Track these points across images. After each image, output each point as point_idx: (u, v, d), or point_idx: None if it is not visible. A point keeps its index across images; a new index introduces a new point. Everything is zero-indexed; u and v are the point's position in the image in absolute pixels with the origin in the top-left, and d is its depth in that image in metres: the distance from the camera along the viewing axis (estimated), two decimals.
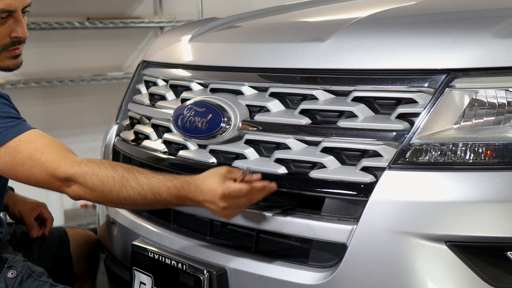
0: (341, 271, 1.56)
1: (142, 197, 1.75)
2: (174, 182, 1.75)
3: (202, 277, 1.77)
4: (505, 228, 1.44)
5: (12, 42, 2.02)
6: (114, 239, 2.26)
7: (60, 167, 1.78)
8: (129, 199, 1.76)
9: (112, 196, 1.76)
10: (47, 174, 1.80)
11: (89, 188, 1.77)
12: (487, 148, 1.49)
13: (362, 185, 1.58)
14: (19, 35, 2.02)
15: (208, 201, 1.71)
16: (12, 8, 1.98)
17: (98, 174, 1.77)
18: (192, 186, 1.73)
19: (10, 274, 1.99)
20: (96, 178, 1.76)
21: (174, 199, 1.74)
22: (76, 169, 1.77)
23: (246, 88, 1.89)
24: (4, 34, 2.00)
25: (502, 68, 1.52)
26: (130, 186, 1.75)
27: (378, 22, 1.84)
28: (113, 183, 1.76)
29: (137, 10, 4.95)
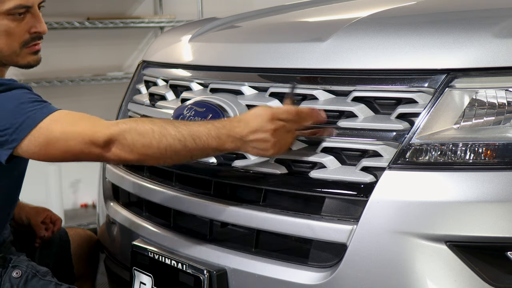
0: (341, 271, 1.56)
1: (182, 144, 1.69)
2: (214, 123, 1.72)
3: (202, 277, 1.77)
4: (505, 228, 1.44)
5: (31, 38, 2.02)
6: (114, 239, 2.27)
7: (98, 131, 1.74)
8: (169, 149, 1.70)
9: (152, 149, 1.71)
10: (85, 143, 1.75)
11: (129, 145, 1.72)
12: (487, 148, 1.49)
13: (362, 185, 1.58)
14: (38, 30, 2.02)
15: (254, 130, 1.67)
16: (30, 3, 1.99)
17: (137, 128, 1.72)
18: (234, 122, 1.70)
19: (15, 274, 1.99)
20: (135, 133, 1.72)
21: (215, 140, 1.69)
22: (113, 128, 1.73)
23: (246, 88, 1.89)
24: (24, 30, 2.00)
25: (502, 68, 1.52)
26: (170, 134, 1.70)
27: (378, 22, 1.84)
28: (152, 134, 1.71)
29: (137, 10, 4.95)
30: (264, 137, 1.67)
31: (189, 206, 1.91)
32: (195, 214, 1.91)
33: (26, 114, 1.81)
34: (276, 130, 1.67)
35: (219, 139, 1.69)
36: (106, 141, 1.73)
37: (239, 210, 1.77)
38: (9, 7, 1.95)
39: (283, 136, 1.68)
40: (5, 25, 1.97)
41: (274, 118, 1.67)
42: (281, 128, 1.67)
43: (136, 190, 2.15)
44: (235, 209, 1.78)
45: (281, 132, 1.68)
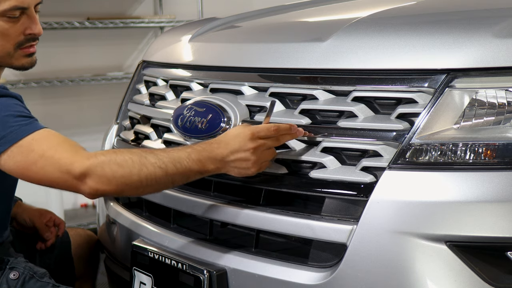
0: (341, 271, 1.56)
1: (164, 171, 1.68)
2: (194, 147, 1.72)
3: (202, 277, 1.77)
4: (505, 228, 1.44)
5: (26, 40, 2.00)
6: (114, 239, 2.26)
7: (75, 162, 1.71)
8: (150, 177, 1.68)
9: (132, 179, 1.68)
10: (61, 172, 1.72)
11: (108, 177, 1.68)
12: (487, 148, 1.49)
13: (362, 185, 1.58)
14: (33, 32, 2.00)
15: (235, 150, 1.68)
16: (25, 4, 1.97)
17: (116, 159, 1.69)
18: (214, 144, 1.71)
19: (12, 276, 1.98)
20: (114, 163, 1.68)
21: (196, 164, 1.69)
22: (92, 160, 1.70)
23: (246, 88, 1.89)
24: (18, 32, 1.98)
25: (502, 68, 1.52)
26: (150, 163, 1.68)
27: (378, 22, 1.84)
28: (132, 164, 1.68)
29: (137, 10, 4.95)
30: (244, 157, 1.69)
31: (189, 206, 1.91)
32: (195, 214, 1.91)
33: (10, 129, 1.78)
34: (256, 148, 1.68)
35: (200, 162, 1.69)
36: (83, 173, 1.70)
37: (239, 210, 1.77)
38: (4, 8, 1.93)
39: (263, 153, 1.70)
40: (1, 25, 1.95)
41: (254, 137, 1.68)
42: (261, 146, 1.69)
43: None
44: (235, 209, 1.78)
45: (261, 150, 1.69)
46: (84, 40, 4.77)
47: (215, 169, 1.71)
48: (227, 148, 1.69)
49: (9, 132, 1.78)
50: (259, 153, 1.69)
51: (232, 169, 1.72)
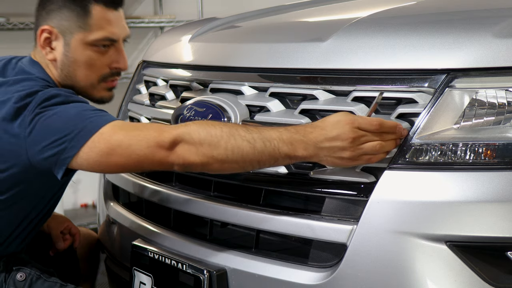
0: (341, 271, 1.56)
1: (251, 146, 1.60)
2: (287, 128, 1.62)
3: (202, 277, 1.77)
4: (505, 228, 1.44)
5: (111, 73, 1.99)
6: (114, 239, 2.27)
7: (164, 132, 1.66)
8: (237, 150, 1.60)
9: (219, 150, 1.61)
10: (149, 146, 1.66)
11: (196, 145, 1.62)
12: (487, 148, 1.49)
13: (362, 185, 1.58)
14: (119, 66, 1.99)
15: (331, 137, 1.56)
16: (115, 37, 1.96)
17: (206, 127, 1.64)
18: (308, 128, 1.60)
19: (19, 277, 1.96)
20: (203, 131, 1.63)
21: (286, 146, 1.58)
22: (181, 128, 1.65)
23: (246, 88, 1.89)
24: (105, 64, 1.97)
25: (502, 68, 1.52)
26: (239, 134, 1.61)
27: (378, 22, 1.84)
28: (221, 134, 1.62)
29: (137, 10, 4.95)
30: (341, 146, 1.57)
31: (189, 206, 1.91)
32: (195, 214, 1.91)
33: (88, 120, 1.73)
34: (355, 139, 1.56)
35: (291, 145, 1.59)
36: (173, 142, 1.65)
37: (239, 210, 1.77)
38: (95, 38, 1.93)
39: (361, 146, 1.57)
40: (87, 56, 1.94)
41: (355, 126, 1.56)
42: (360, 137, 1.56)
43: (136, 190, 2.15)
44: (235, 209, 1.78)
45: (361, 142, 1.57)
46: None
47: (306, 155, 1.60)
48: (322, 134, 1.58)
49: (88, 123, 1.72)
50: (357, 144, 1.56)
51: (325, 158, 1.59)
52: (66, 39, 1.94)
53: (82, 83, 1.97)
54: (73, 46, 1.94)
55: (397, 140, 1.57)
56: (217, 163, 1.65)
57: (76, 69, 1.95)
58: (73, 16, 1.92)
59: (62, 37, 1.94)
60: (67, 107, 1.77)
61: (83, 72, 1.95)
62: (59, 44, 1.94)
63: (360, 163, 1.59)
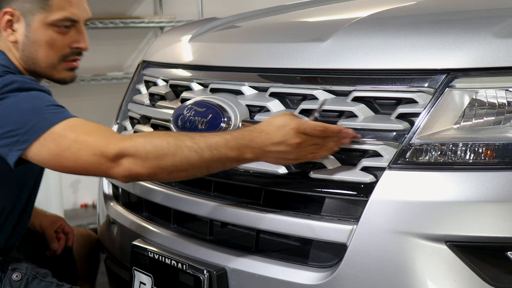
0: (341, 271, 1.56)
1: (199, 156, 1.62)
2: (233, 133, 1.66)
3: (202, 277, 1.77)
4: (505, 228, 1.44)
5: (72, 53, 2.03)
6: (114, 239, 2.27)
7: (110, 143, 1.67)
8: (185, 161, 1.63)
9: (167, 162, 1.63)
10: (95, 155, 1.68)
11: (142, 158, 1.63)
12: (487, 148, 1.49)
13: (362, 185, 1.58)
14: (80, 46, 2.03)
15: (277, 142, 1.61)
16: (76, 17, 2.00)
17: (151, 140, 1.66)
18: (254, 132, 1.64)
19: (15, 277, 1.97)
20: (149, 145, 1.64)
21: (233, 152, 1.63)
22: (127, 142, 1.67)
23: (246, 88, 1.89)
24: (65, 44, 2.00)
25: (502, 68, 1.52)
26: (186, 146, 1.63)
27: (378, 22, 1.84)
28: (167, 146, 1.63)
29: (137, 10, 4.95)
30: (286, 150, 1.62)
31: (189, 206, 1.91)
32: (195, 214, 1.91)
33: (42, 116, 1.75)
34: (299, 144, 1.61)
35: (238, 150, 1.63)
36: (117, 155, 1.66)
37: (239, 210, 1.77)
38: (56, 18, 1.95)
39: (306, 149, 1.63)
40: (48, 36, 1.96)
41: (299, 132, 1.61)
42: (304, 143, 1.62)
43: (136, 190, 2.15)
44: (235, 209, 1.78)
45: (304, 147, 1.62)
46: None
47: (253, 157, 1.65)
48: (268, 138, 1.63)
49: (42, 119, 1.75)
50: (301, 149, 1.62)
51: (272, 159, 1.66)
52: (27, 20, 1.95)
53: (43, 63, 1.99)
54: (34, 27, 1.96)
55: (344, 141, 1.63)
56: (164, 174, 1.68)
57: (37, 50, 1.97)
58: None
59: (23, 19, 1.96)
60: (25, 98, 1.80)
61: (43, 53, 1.98)
62: (20, 26, 1.96)
63: (305, 160, 1.66)
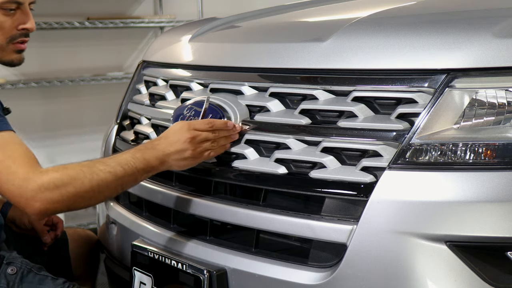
0: (341, 271, 1.56)
1: (113, 175, 1.74)
2: (138, 147, 1.83)
3: (202, 277, 1.77)
4: (505, 228, 1.44)
5: (19, 34, 2.07)
6: (114, 239, 2.26)
7: (30, 179, 1.72)
8: (102, 183, 1.73)
9: (85, 188, 1.72)
10: (14, 185, 1.73)
11: (60, 189, 1.71)
12: (487, 148, 1.49)
13: (362, 185, 1.58)
14: (27, 27, 2.07)
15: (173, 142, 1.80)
16: (21, 0, 2.04)
17: (67, 172, 1.73)
18: (155, 141, 1.84)
19: (10, 271, 1.99)
20: (67, 177, 1.72)
21: (141, 162, 1.77)
22: (44, 177, 1.72)
23: (246, 88, 1.89)
24: (12, 26, 2.04)
25: (502, 68, 1.52)
26: (99, 169, 1.74)
27: (378, 22, 1.84)
28: (83, 175, 1.72)
29: (137, 10, 4.95)
30: (182, 147, 1.80)
31: (189, 206, 1.91)
32: (195, 214, 1.91)
33: None
34: (192, 138, 1.79)
35: (145, 160, 1.78)
36: (36, 191, 1.71)
37: (239, 210, 1.77)
38: (1, 1, 2.00)
39: (200, 145, 1.81)
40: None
41: (190, 129, 1.80)
42: (197, 137, 1.80)
43: (136, 190, 2.14)
44: (235, 209, 1.78)
45: (198, 141, 1.80)
46: (84, 40, 4.76)
47: (158, 164, 1.80)
48: (166, 141, 1.80)
49: None
50: (195, 143, 1.80)
51: (174, 162, 1.81)
52: None
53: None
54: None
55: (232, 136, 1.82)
56: (83, 202, 1.77)
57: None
58: None
59: None
60: None
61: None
62: None
63: (203, 159, 1.83)
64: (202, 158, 1.83)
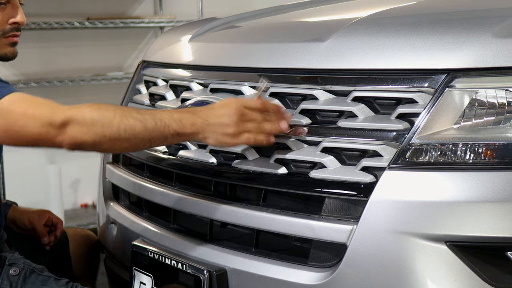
0: (341, 271, 1.56)
1: (143, 125, 1.68)
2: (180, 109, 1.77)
3: (202, 277, 1.77)
4: (505, 228, 1.44)
5: (10, 28, 2.09)
6: (114, 239, 2.27)
7: (57, 112, 1.70)
8: (129, 129, 1.68)
9: (111, 128, 1.68)
10: (42, 125, 1.70)
11: (88, 125, 1.68)
12: (487, 148, 1.49)
13: (362, 185, 1.58)
14: (17, 21, 2.09)
15: (218, 114, 1.70)
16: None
17: (98, 108, 1.70)
18: (198, 108, 1.75)
19: (13, 272, 1.99)
20: (96, 112, 1.69)
21: (176, 123, 1.69)
22: (74, 110, 1.70)
23: (246, 88, 1.89)
24: (3, 21, 2.07)
25: (502, 68, 1.52)
26: (131, 115, 1.69)
27: (378, 22, 1.84)
28: (113, 114, 1.69)
29: (137, 10, 4.95)
30: (226, 122, 1.69)
31: (189, 206, 1.91)
32: (195, 214, 1.91)
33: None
34: (240, 115, 1.69)
35: (180, 122, 1.69)
36: (64, 122, 1.69)
37: (239, 210, 1.77)
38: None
39: (246, 124, 1.71)
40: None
41: (240, 106, 1.70)
42: (245, 115, 1.70)
43: (136, 190, 2.15)
44: (235, 209, 1.78)
45: (245, 120, 1.70)
46: (84, 40, 4.77)
47: (194, 131, 1.71)
48: (211, 111, 1.71)
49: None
50: (242, 121, 1.70)
51: (212, 134, 1.71)
52: None
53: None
54: None
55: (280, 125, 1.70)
56: (109, 142, 1.70)
57: None
58: None
59: None
60: None
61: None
62: None
63: (242, 142, 1.71)
64: (242, 140, 1.71)
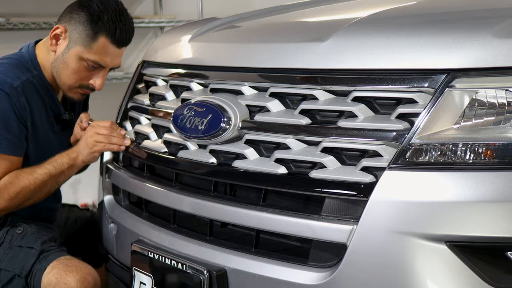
0: (341, 271, 1.56)
1: (48, 173, 2.26)
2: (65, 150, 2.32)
3: (202, 277, 1.77)
4: (505, 228, 1.44)
5: (86, 86, 2.39)
6: (114, 239, 2.27)
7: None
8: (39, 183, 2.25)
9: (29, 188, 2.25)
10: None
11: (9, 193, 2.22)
12: (487, 148, 1.49)
13: (362, 185, 1.58)
14: (95, 86, 2.38)
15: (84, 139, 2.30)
16: (105, 65, 2.35)
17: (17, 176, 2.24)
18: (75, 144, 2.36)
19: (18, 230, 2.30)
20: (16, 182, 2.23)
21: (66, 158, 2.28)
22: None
23: (246, 88, 1.89)
24: (86, 78, 2.37)
25: (502, 68, 1.52)
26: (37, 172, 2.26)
27: (378, 22, 1.84)
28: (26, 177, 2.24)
29: (137, 10, 4.95)
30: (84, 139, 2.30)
31: (189, 206, 1.91)
32: (195, 214, 1.91)
33: None
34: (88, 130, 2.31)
35: (67, 155, 2.29)
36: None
37: (239, 210, 1.77)
38: (88, 58, 2.32)
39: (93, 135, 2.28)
40: (77, 66, 2.33)
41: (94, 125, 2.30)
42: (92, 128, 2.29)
43: (136, 190, 2.15)
44: (235, 209, 1.78)
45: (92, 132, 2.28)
46: None
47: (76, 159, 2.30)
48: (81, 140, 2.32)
49: None
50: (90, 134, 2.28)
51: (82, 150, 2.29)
52: (69, 45, 2.34)
53: (63, 81, 2.38)
54: (71, 53, 2.34)
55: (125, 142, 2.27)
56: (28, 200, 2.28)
57: (63, 69, 2.35)
58: (84, 34, 2.31)
59: (68, 41, 2.34)
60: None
61: (67, 74, 2.36)
62: (63, 44, 2.36)
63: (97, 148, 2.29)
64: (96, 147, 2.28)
